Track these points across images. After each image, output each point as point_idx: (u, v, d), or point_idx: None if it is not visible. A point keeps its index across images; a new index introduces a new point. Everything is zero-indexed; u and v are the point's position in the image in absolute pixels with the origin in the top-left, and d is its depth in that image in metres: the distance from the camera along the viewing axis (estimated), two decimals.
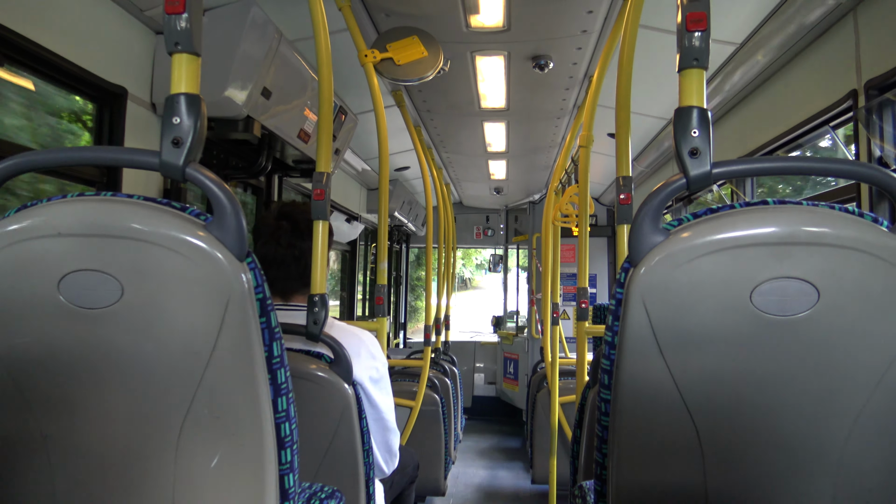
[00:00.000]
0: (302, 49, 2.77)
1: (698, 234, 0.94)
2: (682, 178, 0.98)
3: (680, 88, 1.01)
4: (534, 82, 3.47)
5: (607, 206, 6.93)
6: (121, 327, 0.97)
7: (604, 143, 4.09)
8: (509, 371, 7.37)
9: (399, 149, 4.88)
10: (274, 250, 1.80)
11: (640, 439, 1.02)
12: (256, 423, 1.02)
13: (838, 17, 2.17)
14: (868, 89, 1.98)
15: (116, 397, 1.01)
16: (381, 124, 2.70)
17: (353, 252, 6.22)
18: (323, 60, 1.82)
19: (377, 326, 2.49)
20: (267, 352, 1.03)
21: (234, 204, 0.98)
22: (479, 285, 29.77)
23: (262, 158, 2.99)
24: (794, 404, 0.95)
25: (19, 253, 0.97)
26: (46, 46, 1.87)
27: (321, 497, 1.43)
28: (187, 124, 0.99)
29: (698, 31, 0.98)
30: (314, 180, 1.74)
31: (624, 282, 1.01)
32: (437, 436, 3.87)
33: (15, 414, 1.01)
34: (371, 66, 2.62)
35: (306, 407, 1.44)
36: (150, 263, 0.95)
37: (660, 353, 0.96)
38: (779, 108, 2.66)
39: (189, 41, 1.01)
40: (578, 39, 2.89)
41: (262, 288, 1.02)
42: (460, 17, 2.68)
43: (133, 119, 2.29)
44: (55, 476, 1.03)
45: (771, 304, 0.92)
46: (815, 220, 0.92)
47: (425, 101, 3.88)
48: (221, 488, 1.02)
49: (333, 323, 1.78)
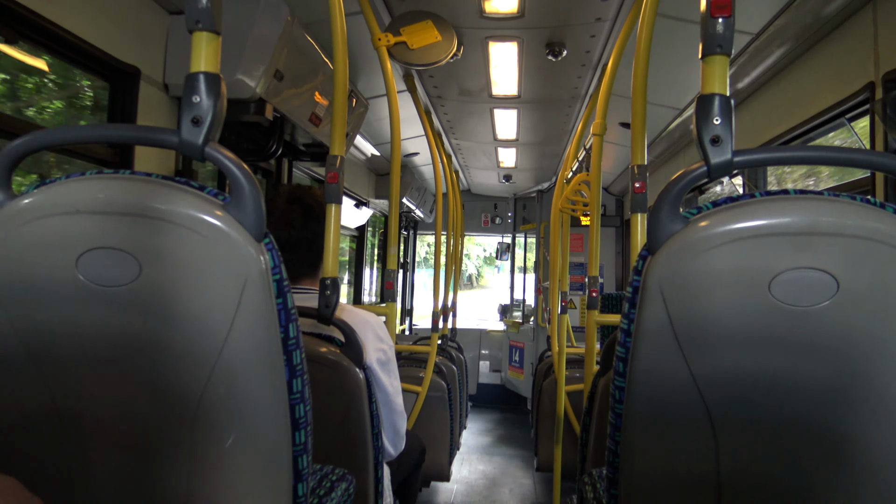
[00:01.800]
0: (314, 32, 2.76)
1: (718, 222, 0.94)
2: (703, 165, 0.97)
3: (703, 75, 1.00)
4: (546, 70, 3.45)
5: (616, 196, 6.90)
6: (138, 306, 0.97)
7: (613, 133, 4.07)
8: (515, 359, 7.38)
9: (409, 135, 4.87)
10: (286, 234, 1.80)
11: (654, 427, 1.02)
12: (271, 404, 1.02)
13: (857, 8, 2.14)
14: (886, 81, 1.96)
15: (133, 376, 1.01)
16: (393, 109, 2.69)
17: (362, 237, 6.22)
18: (338, 43, 1.81)
19: (387, 311, 2.50)
20: (283, 333, 1.03)
21: (253, 184, 0.97)
22: (486, 284, 26.97)
23: (273, 141, 2.98)
24: (812, 395, 0.94)
25: (37, 230, 0.97)
26: (61, 24, 1.87)
27: (332, 479, 1.44)
28: (207, 103, 0.99)
29: (722, 17, 0.97)
30: (328, 163, 1.74)
31: (641, 269, 1.00)
32: (442, 422, 3.89)
33: (32, 391, 1.02)
34: (384, 49, 2.60)
35: (317, 390, 1.44)
36: (169, 242, 0.95)
37: (676, 342, 0.96)
38: (794, 100, 2.64)
39: (210, 19, 1.00)
40: (592, 27, 2.87)
41: (279, 269, 1.02)
42: (475, 2, 2.67)
43: (146, 99, 2.29)
44: (70, 454, 1.03)
45: (790, 295, 0.91)
46: (836, 211, 0.91)
47: (436, 87, 3.86)
48: (236, 468, 1.03)
49: (342, 306, 1.79)
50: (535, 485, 4.93)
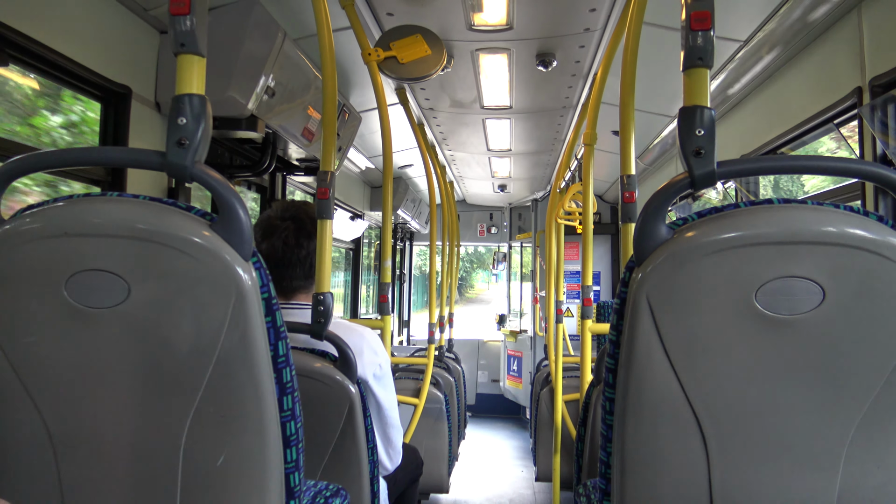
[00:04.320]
0: (305, 47, 2.77)
1: (703, 233, 0.94)
2: (687, 177, 0.98)
3: (684, 88, 1.01)
4: (537, 80, 3.47)
5: (611, 204, 6.92)
6: (127, 327, 0.98)
7: (607, 141, 4.08)
8: (513, 369, 7.37)
9: (402, 147, 4.88)
10: (280, 250, 1.80)
11: (644, 438, 1.02)
12: (262, 423, 1.02)
13: (842, 13, 2.16)
14: (873, 87, 1.97)
15: (123, 397, 1.01)
16: (385, 123, 2.70)
17: (357, 250, 6.23)
18: (327, 59, 1.82)
19: (382, 325, 2.50)
20: (272, 351, 1.03)
21: (240, 204, 0.98)
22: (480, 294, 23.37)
23: (266, 157, 2.99)
24: (799, 403, 0.95)
25: (27, 253, 0.97)
26: (51, 46, 1.88)
27: (326, 495, 1.44)
28: (193, 125, 0.99)
29: (702, 31, 0.98)
30: (318, 179, 1.75)
31: (628, 281, 1.01)
32: (440, 433, 3.87)
33: (21, 413, 1.02)
34: (375, 64, 2.62)
35: (311, 405, 1.44)
36: (157, 263, 0.96)
37: (664, 352, 0.96)
38: (782, 106, 2.65)
39: (194, 42, 1.01)
40: (581, 37, 2.89)
41: (268, 287, 1.02)
42: (464, 15, 2.68)
43: (137, 118, 2.30)
44: (61, 474, 1.03)
45: (776, 304, 0.92)
46: (820, 220, 0.92)
47: (428, 100, 3.88)
48: (227, 487, 1.03)
49: (335, 320, 1.79)
50: (534, 495, 4.91)
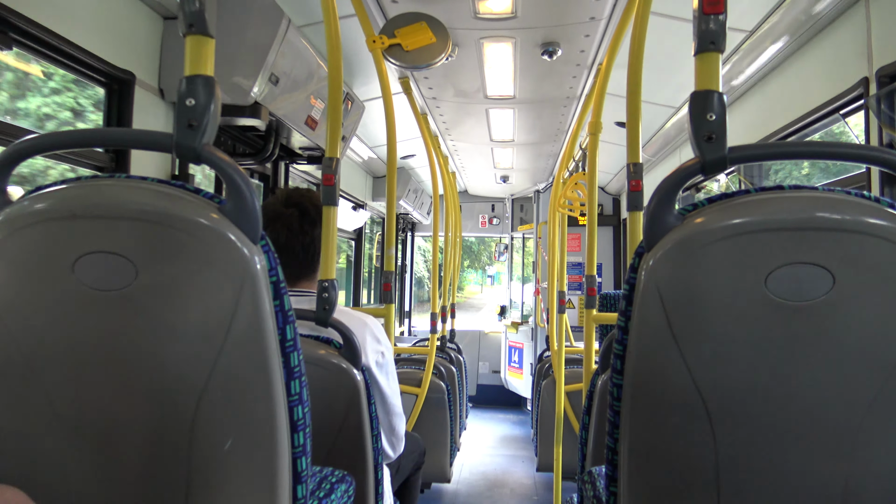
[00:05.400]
0: (309, 35, 2.76)
1: (713, 219, 0.94)
2: (699, 162, 0.97)
3: (696, 72, 1.00)
4: (541, 70, 3.45)
5: (612, 196, 6.91)
6: (135, 309, 0.97)
7: (609, 132, 4.06)
8: (514, 360, 7.39)
9: (406, 136, 4.87)
10: (283, 237, 1.80)
11: (652, 424, 1.02)
12: (270, 407, 1.02)
13: (850, 4, 2.14)
14: (880, 77, 1.96)
15: (130, 380, 1.01)
16: (389, 112, 2.69)
17: (360, 240, 6.23)
18: (332, 46, 1.81)
19: (385, 313, 2.50)
20: (280, 335, 1.03)
21: (249, 186, 0.98)
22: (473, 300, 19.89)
23: (270, 145, 2.98)
24: (808, 390, 0.94)
25: (34, 235, 0.97)
26: (55, 31, 1.87)
27: (332, 481, 1.44)
28: (202, 106, 0.98)
29: (714, 14, 0.97)
30: (323, 166, 1.74)
31: (637, 266, 1.01)
32: (442, 423, 3.89)
33: (29, 396, 1.02)
34: (379, 52, 2.61)
35: (316, 392, 1.44)
36: (165, 245, 0.95)
37: (673, 338, 0.96)
38: (789, 97, 2.64)
39: (203, 23, 1.00)
40: (587, 26, 2.87)
41: (276, 271, 1.02)
42: (469, 2, 2.67)
43: (141, 104, 2.29)
44: (69, 458, 1.03)
45: (786, 290, 0.92)
46: (831, 206, 0.92)
47: (431, 89, 3.86)
48: (235, 471, 1.03)
49: (340, 308, 1.79)
50: (535, 485, 4.93)
